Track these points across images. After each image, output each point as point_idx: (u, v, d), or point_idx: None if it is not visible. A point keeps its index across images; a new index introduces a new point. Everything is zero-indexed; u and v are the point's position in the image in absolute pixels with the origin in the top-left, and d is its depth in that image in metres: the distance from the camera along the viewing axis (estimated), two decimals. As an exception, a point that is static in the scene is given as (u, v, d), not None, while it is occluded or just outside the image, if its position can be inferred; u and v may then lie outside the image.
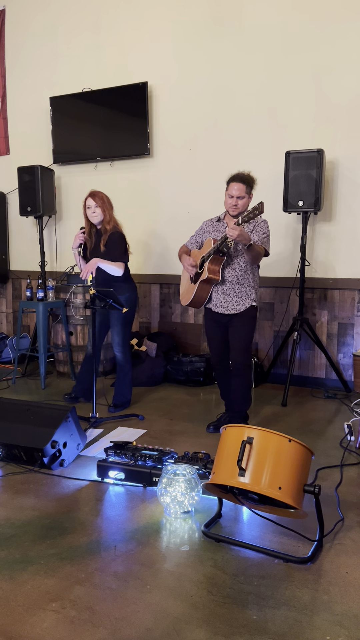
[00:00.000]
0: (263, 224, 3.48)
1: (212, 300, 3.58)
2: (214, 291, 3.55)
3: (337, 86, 4.40)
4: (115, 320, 3.97)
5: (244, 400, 3.57)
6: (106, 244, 3.90)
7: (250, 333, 3.57)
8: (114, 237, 3.89)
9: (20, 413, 3.18)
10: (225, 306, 3.54)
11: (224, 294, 3.53)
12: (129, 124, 5.15)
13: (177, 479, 2.52)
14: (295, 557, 2.16)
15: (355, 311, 4.57)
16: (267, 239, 3.47)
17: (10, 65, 5.86)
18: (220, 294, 3.54)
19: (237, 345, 3.53)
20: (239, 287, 3.51)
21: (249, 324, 3.56)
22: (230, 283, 3.50)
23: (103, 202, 3.88)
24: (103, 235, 3.91)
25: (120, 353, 4.04)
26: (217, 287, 3.54)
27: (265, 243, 3.45)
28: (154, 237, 5.30)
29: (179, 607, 1.89)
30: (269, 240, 3.50)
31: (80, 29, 5.39)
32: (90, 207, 3.90)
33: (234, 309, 3.52)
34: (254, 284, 3.57)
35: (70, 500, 2.68)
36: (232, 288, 3.51)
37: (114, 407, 4.07)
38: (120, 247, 3.90)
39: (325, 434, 3.60)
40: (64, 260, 5.73)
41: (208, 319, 3.65)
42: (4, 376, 5.05)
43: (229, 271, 3.50)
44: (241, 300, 3.52)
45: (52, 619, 1.83)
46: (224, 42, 4.77)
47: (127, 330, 4.03)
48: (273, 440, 2.23)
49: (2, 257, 6.05)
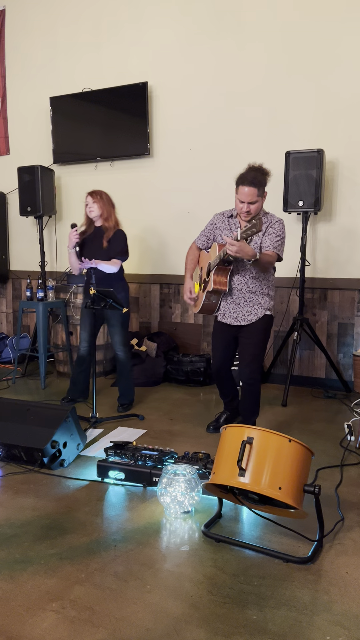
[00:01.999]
0: (278, 225, 3.16)
1: (220, 310, 3.34)
2: (222, 300, 3.32)
3: (338, 86, 4.40)
4: (115, 321, 3.97)
5: (252, 413, 3.43)
6: (110, 240, 3.92)
7: (262, 344, 3.29)
8: (119, 235, 3.95)
9: (20, 413, 3.18)
10: (235, 317, 3.29)
11: (234, 304, 3.28)
12: (129, 124, 5.15)
13: (177, 479, 2.52)
14: (295, 557, 2.16)
15: (355, 311, 4.57)
16: (280, 242, 3.16)
17: (10, 65, 5.86)
18: (230, 303, 3.29)
19: (247, 358, 3.29)
20: (250, 296, 3.24)
21: (262, 335, 3.29)
22: (240, 291, 3.24)
23: (101, 199, 3.92)
24: (106, 233, 3.93)
25: (122, 352, 4.05)
26: (226, 296, 3.30)
27: (278, 247, 3.15)
28: (154, 237, 5.30)
29: (179, 607, 1.89)
30: (283, 243, 3.18)
31: (80, 29, 5.39)
32: (87, 204, 3.95)
33: (244, 319, 3.27)
34: (268, 290, 3.29)
35: (70, 500, 2.68)
36: (242, 297, 3.24)
37: (121, 406, 4.08)
38: (124, 245, 3.96)
39: (325, 434, 3.60)
40: (64, 260, 5.72)
41: (217, 322, 3.45)
42: (4, 376, 5.05)
43: (238, 278, 3.23)
44: (253, 310, 3.26)
45: (52, 619, 1.83)
46: (224, 41, 4.77)
47: (126, 329, 4.06)
48: (273, 440, 2.23)
49: (2, 257, 6.04)
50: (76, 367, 4.18)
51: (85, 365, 4.11)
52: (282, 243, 3.17)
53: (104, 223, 3.95)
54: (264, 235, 3.16)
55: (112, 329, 4.03)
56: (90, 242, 3.98)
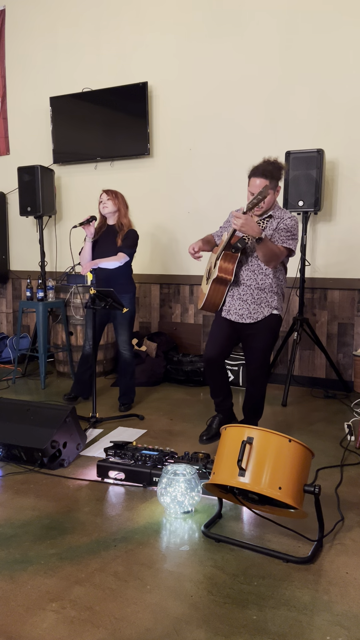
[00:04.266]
0: (289, 221, 3.04)
1: (225, 305, 3.19)
2: (228, 295, 3.16)
3: (338, 86, 4.40)
4: (122, 319, 3.99)
5: (255, 415, 3.36)
6: (123, 238, 3.95)
7: (268, 344, 3.17)
8: (132, 232, 3.99)
9: (20, 413, 3.18)
10: (240, 313, 3.14)
11: (240, 299, 3.14)
12: (129, 124, 5.15)
13: (177, 479, 2.52)
14: (295, 557, 2.16)
15: (355, 311, 4.57)
16: (291, 237, 3.03)
17: (10, 65, 5.86)
18: (235, 299, 3.14)
19: (251, 358, 3.20)
20: (258, 293, 3.11)
21: (267, 335, 3.16)
22: (248, 287, 3.12)
23: (116, 197, 3.98)
24: (120, 231, 3.96)
25: (127, 351, 4.06)
26: (233, 290, 3.14)
27: (287, 241, 3.02)
28: (154, 237, 5.30)
29: (179, 607, 1.89)
30: (294, 238, 3.05)
31: (80, 29, 5.39)
32: (102, 201, 3.99)
33: (250, 317, 3.13)
34: (277, 289, 3.16)
35: (70, 500, 2.68)
36: (249, 293, 3.12)
37: (123, 406, 4.08)
38: (133, 242, 3.99)
39: (325, 434, 3.60)
40: (64, 260, 5.72)
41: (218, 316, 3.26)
42: (4, 376, 5.05)
43: (247, 273, 3.11)
44: (259, 308, 3.12)
45: (52, 619, 1.83)
46: (224, 41, 4.77)
47: (132, 328, 4.08)
48: (273, 440, 2.23)
49: (2, 257, 6.04)
50: (80, 366, 4.20)
51: (89, 364, 4.12)
52: (294, 238, 3.05)
53: (120, 220, 3.98)
54: (275, 231, 3.06)
55: (118, 328, 4.04)
56: (102, 240, 4.00)
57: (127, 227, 3.98)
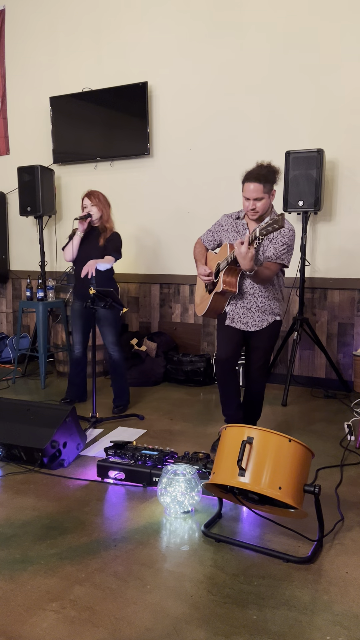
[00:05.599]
0: (287, 233, 3.01)
1: (228, 314, 3.20)
2: (231, 304, 3.18)
3: (338, 86, 4.40)
4: (106, 321, 3.96)
5: (254, 415, 3.41)
6: (107, 240, 3.94)
7: (270, 345, 3.25)
8: (116, 235, 3.99)
9: (20, 413, 3.18)
10: (244, 322, 3.17)
11: (245, 308, 3.15)
12: (128, 124, 5.15)
13: (177, 479, 2.52)
14: (295, 557, 2.16)
15: (355, 311, 4.57)
16: (286, 250, 3.02)
17: (10, 65, 5.86)
18: (239, 307, 3.16)
19: (255, 361, 3.25)
20: (262, 301, 3.13)
21: (272, 341, 3.24)
22: (252, 296, 3.13)
23: (99, 201, 3.95)
24: (103, 233, 3.96)
25: (116, 352, 4.04)
26: (236, 300, 3.16)
27: (282, 256, 3.01)
28: (154, 237, 5.30)
29: (179, 607, 1.89)
30: (289, 252, 3.04)
31: (80, 29, 5.39)
32: (86, 207, 3.95)
33: (255, 325, 3.16)
34: (278, 295, 3.20)
35: (70, 500, 2.68)
36: (254, 301, 3.13)
37: (117, 408, 4.07)
38: (120, 244, 3.99)
39: (325, 434, 3.60)
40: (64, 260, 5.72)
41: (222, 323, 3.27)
42: (4, 376, 5.05)
43: (251, 283, 3.11)
44: (264, 316, 3.15)
45: (52, 619, 1.83)
46: (224, 41, 4.77)
47: (118, 329, 4.07)
48: (273, 440, 2.23)
49: (2, 257, 6.04)
50: (72, 370, 4.20)
51: (81, 366, 4.13)
52: (289, 252, 3.04)
53: (104, 224, 3.97)
54: (270, 242, 3.03)
55: (103, 329, 4.01)
56: (86, 241, 4.00)
57: (110, 230, 3.97)
